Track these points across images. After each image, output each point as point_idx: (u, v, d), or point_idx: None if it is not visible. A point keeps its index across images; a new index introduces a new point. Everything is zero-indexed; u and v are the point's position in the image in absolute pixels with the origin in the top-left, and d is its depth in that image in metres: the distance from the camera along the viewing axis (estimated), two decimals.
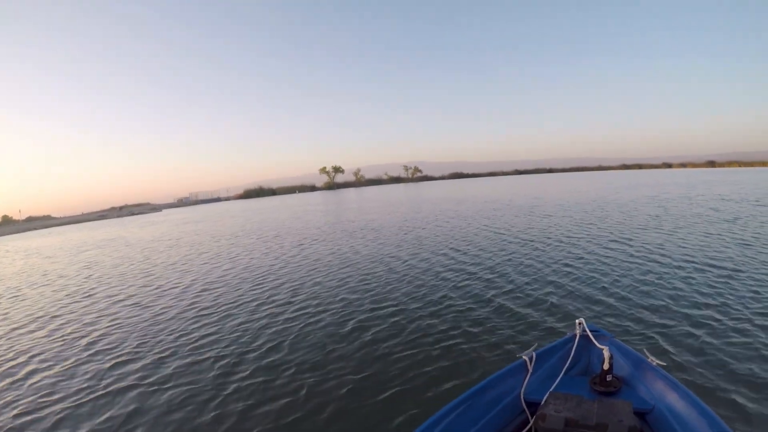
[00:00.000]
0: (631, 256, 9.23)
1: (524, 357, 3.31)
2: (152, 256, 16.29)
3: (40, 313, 8.88)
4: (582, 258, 9.44)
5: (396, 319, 6.52)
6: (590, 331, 3.52)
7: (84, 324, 7.81)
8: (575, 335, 3.57)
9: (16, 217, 71.63)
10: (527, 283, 7.80)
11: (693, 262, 8.32)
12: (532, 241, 12.14)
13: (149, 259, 15.36)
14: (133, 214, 67.71)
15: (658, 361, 3.11)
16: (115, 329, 7.34)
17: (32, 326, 8.00)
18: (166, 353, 5.99)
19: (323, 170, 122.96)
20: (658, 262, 8.45)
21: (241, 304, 8.13)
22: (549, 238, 12.43)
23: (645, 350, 3.36)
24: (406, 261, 10.70)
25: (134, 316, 8.00)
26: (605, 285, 7.29)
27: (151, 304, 8.77)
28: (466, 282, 8.28)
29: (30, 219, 70.01)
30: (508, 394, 3.11)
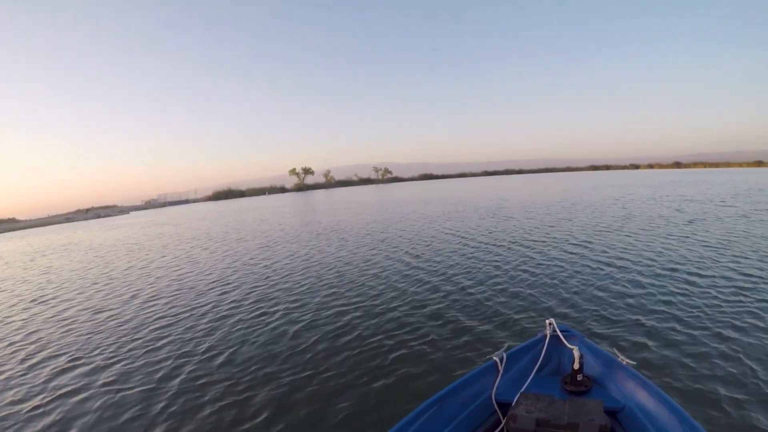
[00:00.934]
0: (598, 259, 9.37)
1: (495, 358, 3.32)
2: (112, 261, 16.20)
3: None
4: (549, 259, 9.66)
5: (361, 321, 6.57)
6: (560, 331, 3.52)
7: (28, 333, 7.70)
8: (545, 335, 3.58)
9: None
10: (495, 285, 7.92)
11: (657, 263, 8.60)
12: (497, 243, 12.31)
13: (108, 264, 15.27)
14: (99, 216, 66.69)
15: (628, 360, 3.14)
16: (64, 334, 7.38)
17: None
18: (114, 359, 6.04)
19: (293, 172, 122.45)
20: (622, 266, 8.61)
21: (193, 308, 8.16)
22: (514, 240, 12.67)
23: (615, 350, 3.37)
24: (374, 262, 10.87)
25: (87, 321, 8.05)
26: (573, 286, 7.46)
27: (102, 309, 8.79)
28: (437, 283, 8.43)
29: None
30: (480, 395, 3.12)
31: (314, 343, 5.89)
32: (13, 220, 69.55)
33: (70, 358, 6.24)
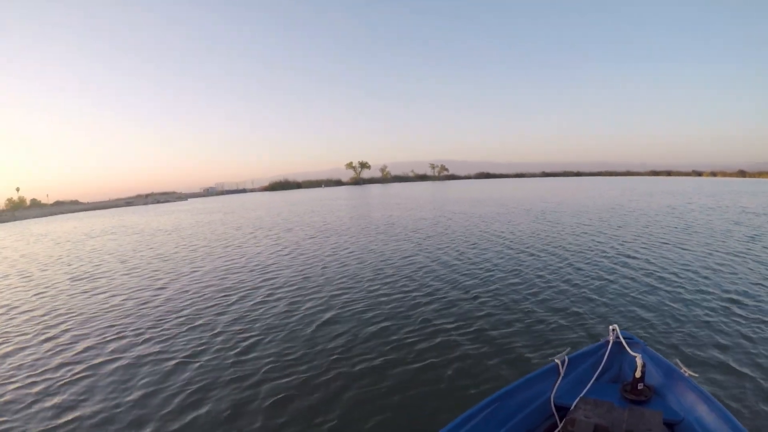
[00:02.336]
0: (649, 270, 8.56)
1: (556, 360, 3.24)
2: (156, 246, 15.96)
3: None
4: (615, 265, 9.05)
5: (427, 318, 6.35)
6: (623, 338, 3.41)
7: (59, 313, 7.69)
8: (608, 341, 3.48)
9: (44, 201, 72.75)
10: (560, 289, 7.53)
11: (712, 281, 7.66)
12: (562, 247, 11.44)
13: (151, 248, 15.14)
14: (158, 202, 68.31)
15: (689, 372, 3.03)
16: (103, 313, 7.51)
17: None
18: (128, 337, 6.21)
19: (349, 165, 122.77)
20: (675, 279, 7.85)
21: (212, 299, 7.95)
22: (579, 245, 11.69)
23: (677, 360, 3.26)
24: (442, 260, 10.33)
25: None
26: (638, 294, 7.03)
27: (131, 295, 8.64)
28: (506, 283, 8.07)
29: (57, 203, 71.10)
30: (539, 397, 3.06)
31: (395, 338, 5.71)
32: (75, 202, 72.38)
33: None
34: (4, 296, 9.29)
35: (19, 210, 59.41)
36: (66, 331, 6.67)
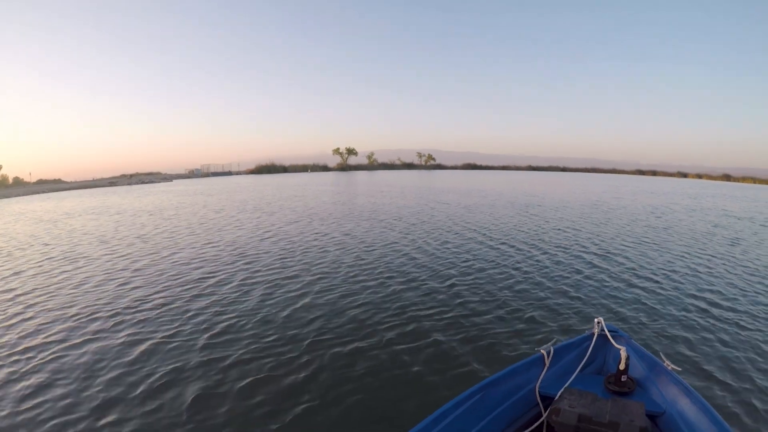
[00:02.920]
0: (640, 266, 8.88)
1: (542, 351, 3.34)
2: (137, 227, 15.78)
3: None
4: (604, 259, 9.42)
5: (411, 304, 6.48)
6: (608, 330, 3.53)
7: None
8: (593, 333, 3.57)
9: (26, 179, 71.56)
10: (545, 281, 7.75)
11: (692, 282, 7.91)
12: (544, 241, 11.68)
13: (131, 229, 14.97)
14: (143, 182, 67.27)
15: (672, 366, 3.11)
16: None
17: None
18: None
19: (336, 151, 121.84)
20: (669, 275, 8.20)
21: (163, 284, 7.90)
22: (561, 239, 11.96)
23: (661, 354, 3.40)
24: (423, 248, 10.60)
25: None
26: (621, 288, 7.33)
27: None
28: (499, 274, 8.26)
29: (41, 182, 69.75)
30: (524, 387, 3.15)
31: (375, 325, 5.83)
32: (58, 181, 71.06)
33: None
34: None
35: (1, 188, 58.47)
36: (40, 312, 6.63)
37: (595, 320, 3.63)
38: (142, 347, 5.23)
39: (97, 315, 6.38)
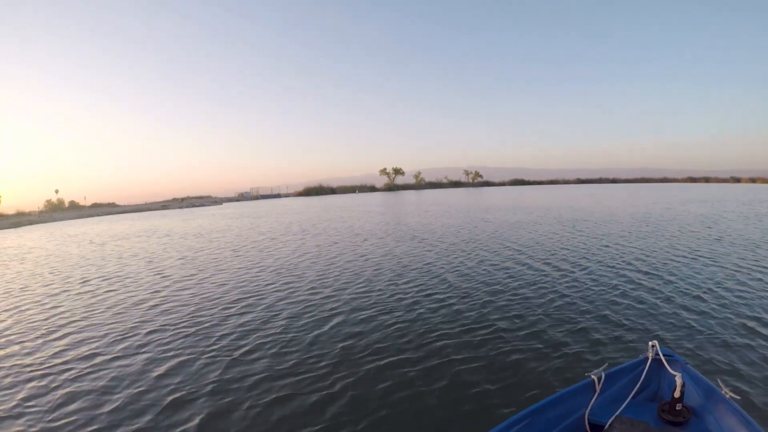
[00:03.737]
0: (697, 284, 7.97)
1: (593, 376, 3.14)
2: (182, 249, 15.98)
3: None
4: (654, 277, 8.52)
5: (463, 329, 6.11)
6: (663, 355, 3.29)
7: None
8: (647, 358, 3.35)
9: (81, 203, 74.67)
10: (595, 301, 7.19)
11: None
12: (599, 256, 10.92)
13: (177, 251, 15.16)
14: (193, 206, 69.18)
15: (731, 394, 2.86)
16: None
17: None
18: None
19: (383, 171, 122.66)
20: (730, 294, 7.25)
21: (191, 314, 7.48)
22: (617, 255, 11.06)
23: (719, 381, 3.12)
24: (460, 269, 9.97)
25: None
26: (676, 310, 6.55)
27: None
28: (543, 293, 7.78)
29: (95, 205, 73.04)
30: (573, 414, 2.98)
31: (427, 347, 5.60)
32: (112, 205, 74.21)
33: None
34: (31, 294, 9.43)
35: (58, 212, 61.18)
36: (77, 328, 6.89)
37: (650, 343, 3.40)
38: (181, 360, 5.43)
39: (134, 331, 6.56)
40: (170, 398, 4.42)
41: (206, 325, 6.71)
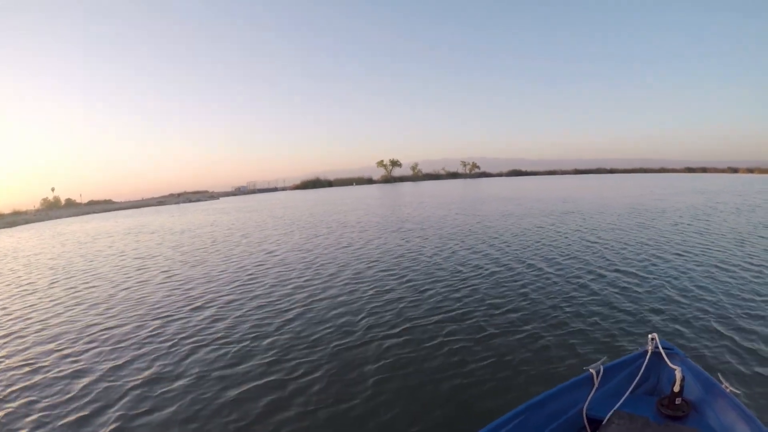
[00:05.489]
0: (695, 274, 7.86)
1: (591, 370, 3.09)
2: (175, 245, 15.90)
3: None
4: (650, 271, 8.25)
5: (454, 322, 6.03)
6: (663, 348, 3.22)
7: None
8: (647, 351, 3.27)
9: (78, 200, 74.60)
10: (591, 294, 6.98)
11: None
12: (594, 248, 10.81)
13: (171, 247, 15.05)
14: (190, 201, 69.11)
15: (732, 388, 2.82)
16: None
17: None
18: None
19: (380, 163, 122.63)
20: (730, 287, 7.04)
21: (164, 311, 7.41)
22: (613, 244, 11.13)
23: (719, 375, 3.05)
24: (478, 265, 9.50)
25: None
26: (679, 298, 6.52)
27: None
28: (537, 284, 7.69)
29: (91, 203, 72.97)
30: (571, 408, 2.94)
31: (426, 342, 5.46)
32: (109, 202, 74.09)
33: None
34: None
35: (54, 210, 61.04)
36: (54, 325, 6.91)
37: (649, 336, 3.32)
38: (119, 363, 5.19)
39: (106, 333, 6.39)
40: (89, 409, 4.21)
41: (180, 324, 6.54)
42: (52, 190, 72.43)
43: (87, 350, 5.74)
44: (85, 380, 4.81)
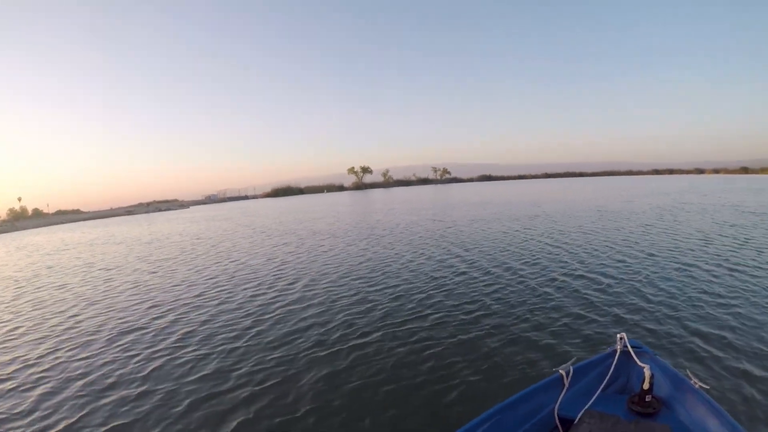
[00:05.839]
0: (655, 274, 8.10)
1: (561, 371, 3.12)
2: (142, 256, 15.75)
3: None
4: (619, 270, 8.54)
5: (425, 329, 6.00)
6: (632, 347, 3.28)
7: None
8: (616, 350, 3.32)
9: (45, 210, 72.91)
10: (560, 297, 7.09)
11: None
12: (559, 248, 11.12)
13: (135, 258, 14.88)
14: (160, 210, 68.15)
15: (701, 384, 2.90)
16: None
17: None
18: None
19: (351, 170, 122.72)
20: (691, 285, 7.29)
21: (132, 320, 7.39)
22: (581, 246, 11.38)
23: (688, 371, 3.14)
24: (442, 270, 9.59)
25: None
26: (645, 299, 6.62)
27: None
28: (509, 289, 7.71)
29: (59, 212, 71.32)
30: (542, 410, 2.95)
31: (391, 349, 5.45)
32: (77, 212, 72.51)
33: None
34: None
35: (21, 220, 59.58)
36: None
37: (618, 336, 3.38)
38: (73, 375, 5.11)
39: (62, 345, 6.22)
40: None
41: (139, 336, 6.49)
42: (19, 200, 70.61)
43: (49, 358, 5.77)
44: (39, 390, 4.85)
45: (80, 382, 5.01)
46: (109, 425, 3.99)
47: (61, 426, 4.03)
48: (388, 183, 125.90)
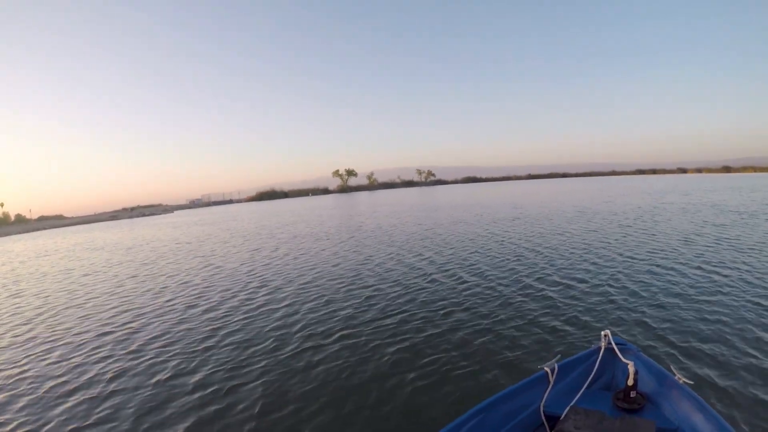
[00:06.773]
0: (640, 271, 8.37)
1: (546, 369, 3.18)
2: (118, 263, 15.91)
3: None
4: (602, 268, 8.81)
5: (408, 326, 6.21)
6: (616, 344, 3.34)
7: None
8: (600, 347, 3.40)
9: (28, 216, 72.24)
10: (544, 295, 7.26)
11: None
12: (537, 249, 11.40)
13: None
14: (144, 215, 67.74)
15: (684, 379, 2.94)
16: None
17: None
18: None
19: (336, 173, 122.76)
20: (674, 283, 7.50)
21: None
22: (562, 246, 11.63)
23: (672, 367, 3.18)
24: (428, 270, 9.83)
25: None
26: (630, 296, 6.85)
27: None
28: (496, 289, 7.86)
29: (42, 218, 70.63)
30: (528, 407, 3.00)
31: (379, 347, 5.58)
32: (60, 217, 71.76)
33: None
34: None
35: (3, 226, 59.04)
36: None
37: (602, 333, 3.45)
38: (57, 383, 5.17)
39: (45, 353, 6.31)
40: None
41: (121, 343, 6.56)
42: (1, 205, 69.97)
43: (26, 364, 5.90)
44: (22, 399, 4.88)
45: (43, 386, 5.13)
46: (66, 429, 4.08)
47: None
48: (373, 186, 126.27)
